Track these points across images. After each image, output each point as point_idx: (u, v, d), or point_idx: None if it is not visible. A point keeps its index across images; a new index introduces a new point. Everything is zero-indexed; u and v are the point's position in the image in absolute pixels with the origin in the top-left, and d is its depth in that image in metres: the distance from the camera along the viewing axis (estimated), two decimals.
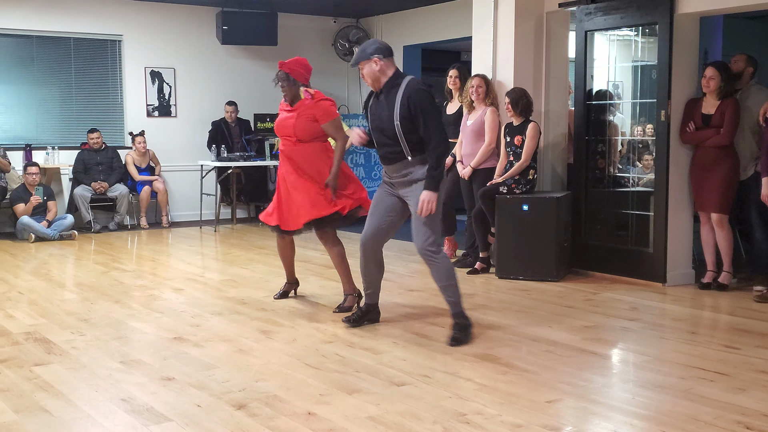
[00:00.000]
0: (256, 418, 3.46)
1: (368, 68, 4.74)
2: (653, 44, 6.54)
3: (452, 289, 4.82)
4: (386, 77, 4.75)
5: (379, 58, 4.71)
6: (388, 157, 4.80)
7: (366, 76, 4.78)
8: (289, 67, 5.46)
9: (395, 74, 4.76)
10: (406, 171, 4.76)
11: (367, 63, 4.74)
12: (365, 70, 4.76)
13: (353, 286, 5.63)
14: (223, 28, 10.50)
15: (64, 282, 6.80)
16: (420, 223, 4.72)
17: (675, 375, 4.12)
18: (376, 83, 4.78)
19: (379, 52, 4.72)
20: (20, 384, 3.94)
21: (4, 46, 9.89)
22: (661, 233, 6.40)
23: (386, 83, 4.75)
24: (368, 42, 4.87)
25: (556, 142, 7.36)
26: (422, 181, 4.68)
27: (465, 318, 4.88)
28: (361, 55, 4.75)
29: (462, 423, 3.41)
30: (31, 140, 9.92)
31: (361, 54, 4.76)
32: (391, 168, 4.83)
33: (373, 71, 4.74)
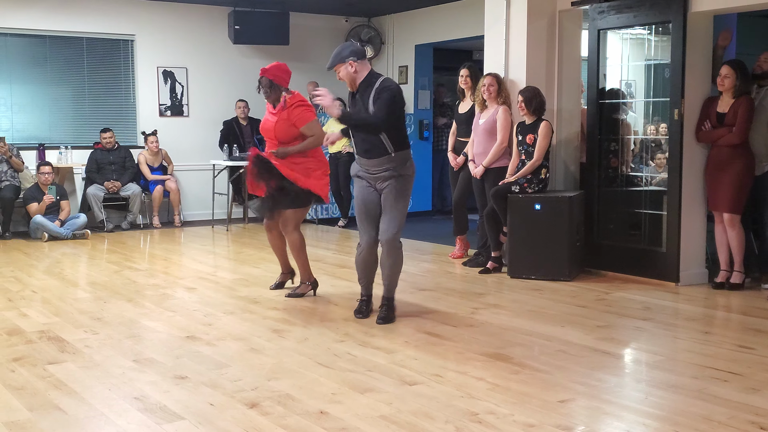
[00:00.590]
0: (268, 417, 3.46)
1: (344, 70, 5.07)
2: (666, 43, 6.51)
3: (396, 277, 5.29)
4: (361, 78, 5.07)
5: (353, 60, 5.04)
6: (371, 152, 5.08)
7: (342, 77, 5.10)
8: (272, 73, 5.78)
9: (369, 74, 5.10)
10: (389, 165, 5.08)
11: (343, 65, 5.06)
12: (341, 72, 5.09)
13: (309, 275, 6.00)
14: (235, 28, 10.52)
15: (77, 281, 6.83)
16: (392, 215, 5.10)
17: (688, 375, 4.10)
18: (353, 84, 5.11)
19: (353, 55, 5.05)
20: (34, 382, 3.96)
21: (17, 46, 9.94)
22: (675, 233, 6.37)
23: (361, 83, 5.08)
24: (343, 45, 5.17)
25: (568, 141, 7.34)
26: (402, 177, 5.10)
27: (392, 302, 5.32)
28: (336, 59, 5.07)
29: (474, 422, 3.40)
30: (44, 140, 9.97)
31: (337, 57, 5.07)
32: (372, 162, 5.10)
33: (349, 73, 5.06)
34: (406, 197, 5.21)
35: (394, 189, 5.10)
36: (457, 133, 7.65)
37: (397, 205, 5.11)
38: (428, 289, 6.34)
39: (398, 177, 5.09)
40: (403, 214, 5.16)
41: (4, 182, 9.24)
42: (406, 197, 5.21)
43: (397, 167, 5.08)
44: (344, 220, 10.36)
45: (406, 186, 5.18)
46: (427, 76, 11.47)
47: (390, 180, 5.10)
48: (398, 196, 5.12)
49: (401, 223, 5.15)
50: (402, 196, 5.15)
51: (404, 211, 5.17)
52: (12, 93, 9.94)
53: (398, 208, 5.12)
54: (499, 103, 6.99)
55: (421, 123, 11.35)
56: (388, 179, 5.10)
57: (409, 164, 5.20)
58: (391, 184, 5.10)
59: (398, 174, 5.09)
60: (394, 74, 11.60)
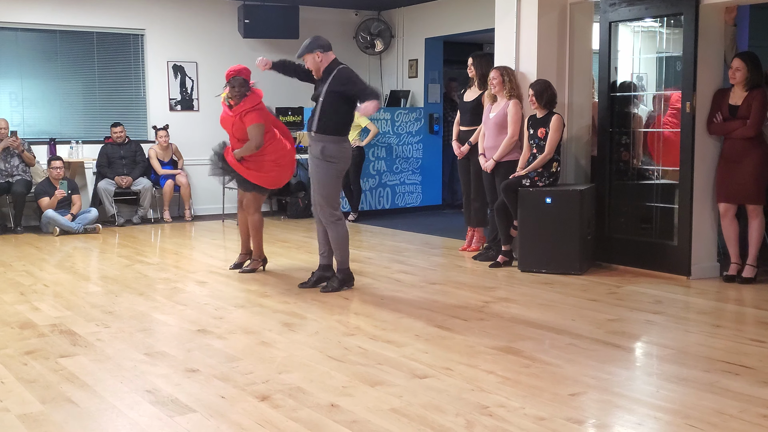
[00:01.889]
0: (279, 410, 3.47)
1: (311, 59, 5.87)
2: (678, 35, 6.48)
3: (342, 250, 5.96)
4: (324, 66, 5.85)
5: (320, 52, 5.84)
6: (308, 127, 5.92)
7: (309, 66, 5.90)
8: (244, 75, 6.53)
9: (331, 63, 5.86)
10: (312, 142, 5.87)
11: (311, 56, 5.86)
12: (308, 61, 5.88)
13: (260, 253, 6.79)
14: (245, 22, 10.52)
15: (89, 275, 6.86)
16: (316, 194, 5.90)
17: (699, 368, 4.08)
18: (317, 72, 5.88)
19: (319, 47, 5.85)
20: (46, 375, 3.98)
21: (28, 40, 9.97)
22: (686, 226, 6.35)
23: (324, 71, 5.85)
24: (313, 38, 5.92)
25: (579, 134, 7.31)
26: (316, 158, 5.81)
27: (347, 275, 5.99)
28: (305, 49, 5.87)
29: (485, 415, 3.40)
30: (55, 134, 10.01)
31: (306, 48, 5.87)
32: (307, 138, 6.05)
33: (315, 62, 5.86)
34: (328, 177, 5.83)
35: (312, 168, 5.91)
36: (461, 121, 7.63)
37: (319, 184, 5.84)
38: (438, 282, 6.34)
39: (317, 159, 5.82)
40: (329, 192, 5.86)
41: (15, 177, 9.28)
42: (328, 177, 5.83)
43: (314, 147, 5.82)
44: (354, 215, 10.36)
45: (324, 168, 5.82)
46: (437, 70, 11.44)
47: (312, 159, 5.89)
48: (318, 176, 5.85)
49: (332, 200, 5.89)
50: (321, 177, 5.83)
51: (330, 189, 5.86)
52: (23, 88, 9.98)
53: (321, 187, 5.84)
54: (509, 97, 6.97)
55: (431, 117, 11.34)
56: (312, 157, 5.89)
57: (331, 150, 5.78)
58: (311, 163, 5.92)
59: (314, 155, 5.83)
60: (404, 68, 11.59)
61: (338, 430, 3.25)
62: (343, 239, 5.95)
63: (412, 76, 11.47)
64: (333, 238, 5.94)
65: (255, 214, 6.75)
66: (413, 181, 11.25)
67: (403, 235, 9.00)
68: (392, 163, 11.03)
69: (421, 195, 11.35)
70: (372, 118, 10.52)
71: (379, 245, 8.29)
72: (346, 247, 5.97)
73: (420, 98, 11.36)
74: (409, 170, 11.19)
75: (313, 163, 5.89)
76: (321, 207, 5.89)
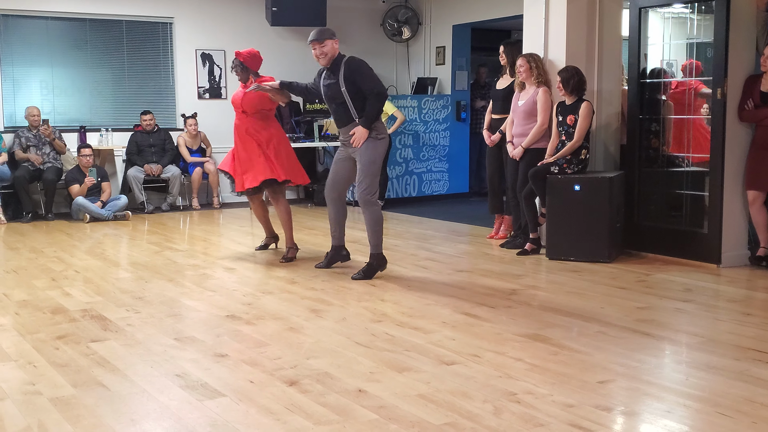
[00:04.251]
0: (307, 395, 3.49)
1: (330, 46, 5.85)
2: (709, 21, 6.39)
3: (377, 234, 5.96)
4: (335, 56, 5.88)
5: (336, 40, 5.89)
6: (341, 121, 5.92)
7: (326, 52, 5.84)
8: (244, 57, 6.63)
9: (340, 55, 5.91)
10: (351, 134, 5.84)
11: (330, 41, 5.86)
12: (327, 47, 5.84)
13: (292, 241, 6.81)
14: (273, 10, 10.53)
15: (119, 261, 6.93)
16: (363, 174, 5.84)
17: (730, 356, 4.05)
18: (329, 60, 5.87)
19: (335, 36, 5.91)
20: (78, 359, 4.04)
21: (58, 29, 10.06)
22: (716, 213, 6.28)
23: (334, 61, 5.87)
24: (325, 28, 6.01)
25: (608, 121, 7.25)
26: (370, 139, 5.78)
27: (381, 259, 6.01)
28: (324, 34, 5.86)
29: (513, 402, 3.40)
30: (85, 122, 10.11)
31: (325, 33, 5.88)
32: (344, 130, 5.94)
33: (334, 48, 5.86)
34: (377, 156, 5.88)
35: (360, 153, 5.83)
36: (493, 109, 7.60)
37: (367, 163, 5.82)
38: (466, 270, 6.33)
39: (370, 139, 5.80)
40: (369, 172, 5.84)
41: (46, 164, 9.39)
42: (377, 156, 5.88)
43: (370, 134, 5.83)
44: (381, 202, 10.32)
45: (377, 147, 5.85)
46: (464, 57, 11.38)
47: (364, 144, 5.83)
48: (368, 156, 5.82)
49: (369, 181, 5.85)
50: (371, 156, 5.83)
51: (376, 168, 5.89)
52: (53, 76, 10.08)
53: (369, 166, 5.83)
54: (538, 84, 6.93)
55: (458, 104, 11.29)
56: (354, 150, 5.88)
57: (380, 127, 5.88)
58: (359, 150, 5.83)
59: (371, 137, 5.80)
60: (432, 55, 11.55)
61: (366, 415, 3.27)
62: (380, 222, 5.99)
63: (440, 64, 11.42)
64: (369, 220, 5.94)
65: (284, 204, 6.80)
66: (440, 168, 11.23)
67: (430, 223, 8.99)
68: (419, 150, 11.01)
69: (448, 183, 11.33)
70: (399, 105, 10.51)
71: (406, 233, 8.30)
72: (381, 230, 6.00)
73: (447, 85, 11.32)
74: (435, 158, 11.17)
75: (365, 146, 5.82)
76: (365, 187, 5.85)
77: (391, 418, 3.23)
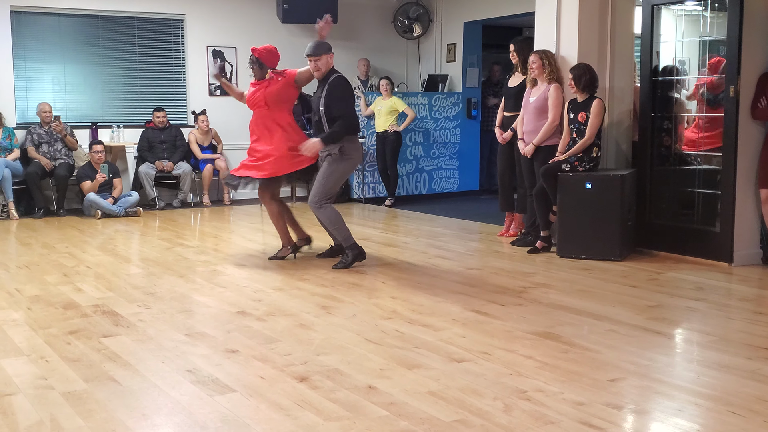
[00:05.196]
0: (318, 391, 3.50)
1: (324, 60, 6.09)
2: (722, 19, 6.36)
3: (340, 230, 6.25)
4: (327, 70, 6.11)
5: (331, 54, 6.11)
6: (316, 133, 6.21)
7: (321, 66, 6.08)
8: (259, 53, 6.43)
9: (332, 70, 6.15)
10: (327, 147, 6.09)
11: (325, 56, 6.09)
12: (322, 61, 6.07)
13: (288, 239, 6.73)
14: (284, 7, 10.54)
15: (130, 257, 6.96)
16: (318, 182, 6.16)
17: (742, 355, 4.03)
18: (321, 74, 6.11)
19: (331, 50, 6.12)
20: (90, 354, 4.05)
21: (71, 26, 10.10)
22: (729, 212, 6.25)
23: (326, 75, 6.11)
24: (320, 41, 6.14)
25: (620, 119, 7.23)
26: (333, 155, 6.08)
27: (355, 249, 6.25)
28: (320, 49, 6.07)
29: (523, 400, 3.39)
30: (97, 119, 10.14)
31: (321, 48, 6.07)
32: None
33: (329, 63, 6.11)
34: (336, 173, 6.16)
35: (326, 163, 6.15)
36: (505, 107, 7.58)
37: (324, 176, 6.13)
38: (476, 267, 6.33)
39: (334, 155, 6.09)
40: (329, 185, 6.15)
41: (58, 160, 9.43)
42: (336, 173, 6.16)
43: (333, 148, 6.07)
44: (391, 200, 10.37)
45: (339, 163, 6.12)
46: (475, 54, 11.37)
47: (327, 157, 6.14)
48: (328, 170, 6.12)
49: (327, 192, 6.15)
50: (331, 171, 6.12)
51: (332, 183, 6.16)
52: (65, 72, 10.12)
53: (325, 179, 6.13)
54: (550, 81, 6.91)
55: (469, 102, 11.28)
56: (327, 157, 6.16)
57: (348, 147, 6.11)
58: (327, 160, 6.15)
59: (336, 153, 6.08)
60: (442, 52, 11.54)
61: (376, 411, 3.27)
62: (336, 220, 6.23)
63: (451, 61, 11.41)
64: (325, 222, 6.29)
65: (277, 203, 6.72)
66: (450, 166, 11.22)
67: (440, 221, 8.99)
68: (429, 148, 11.00)
69: (459, 180, 11.32)
70: (409, 103, 10.51)
71: (416, 230, 8.29)
72: (342, 225, 6.25)
73: (458, 83, 11.30)
74: (446, 155, 11.16)
75: (328, 161, 6.14)
76: (313, 195, 6.17)
77: (401, 414, 3.23)
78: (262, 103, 6.45)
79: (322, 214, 6.24)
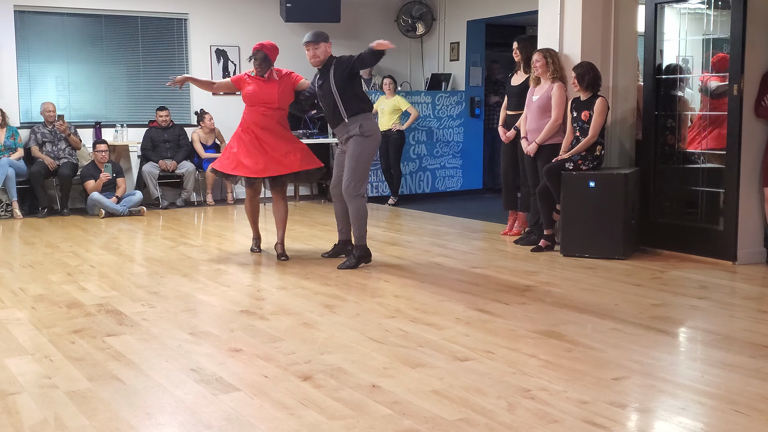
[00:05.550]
0: (321, 390, 3.50)
1: (323, 48, 6.15)
2: (726, 17, 6.35)
3: (361, 228, 6.16)
4: (326, 58, 6.19)
5: (330, 44, 6.21)
6: (333, 120, 6.24)
7: (319, 54, 6.15)
8: (267, 50, 6.45)
9: (331, 57, 6.22)
10: (346, 130, 6.14)
11: (324, 44, 6.16)
12: (321, 49, 6.14)
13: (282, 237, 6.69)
14: (287, 6, 10.53)
15: (134, 256, 6.97)
16: (348, 169, 6.11)
17: (745, 354, 4.03)
18: (320, 62, 6.19)
19: (329, 40, 6.22)
20: (93, 354, 4.06)
21: (74, 25, 10.11)
22: (732, 210, 6.24)
23: (325, 63, 6.18)
24: (319, 31, 6.24)
25: (624, 117, 7.22)
26: (355, 137, 6.09)
27: (365, 251, 6.22)
28: (320, 37, 6.16)
29: (527, 398, 3.39)
30: (100, 118, 10.15)
31: (320, 36, 6.16)
32: (336, 130, 6.27)
33: (327, 52, 6.17)
34: (364, 154, 6.12)
35: (350, 148, 6.12)
36: (508, 106, 7.58)
37: (353, 159, 6.08)
38: (479, 266, 6.33)
39: (352, 137, 6.11)
40: (360, 168, 6.10)
41: (62, 160, 9.44)
42: (364, 154, 6.12)
43: (352, 129, 6.11)
44: (394, 198, 10.37)
45: (363, 144, 6.10)
46: (479, 53, 11.37)
47: (349, 140, 6.14)
48: (355, 152, 6.09)
49: (352, 176, 6.09)
50: (358, 153, 6.09)
51: (362, 165, 6.12)
52: (69, 72, 10.13)
53: (354, 162, 6.08)
54: (553, 79, 6.90)
55: (472, 100, 11.28)
56: (348, 140, 6.15)
57: (368, 125, 6.15)
58: (350, 145, 6.13)
59: (353, 134, 6.11)
60: (446, 51, 11.53)
61: (379, 410, 3.27)
62: (363, 216, 6.16)
63: (454, 59, 11.41)
64: (353, 213, 6.15)
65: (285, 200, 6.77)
66: (454, 165, 11.22)
67: (444, 219, 8.99)
68: (433, 146, 11.00)
69: (462, 179, 11.32)
70: (412, 101, 10.51)
71: (419, 229, 8.29)
72: (364, 224, 6.20)
73: (461, 81, 11.30)
74: (449, 154, 11.16)
75: (353, 143, 6.12)
76: (348, 182, 6.10)
77: (404, 413, 3.23)
78: (275, 104, 6.47)
79: (355, 204, 6.13)
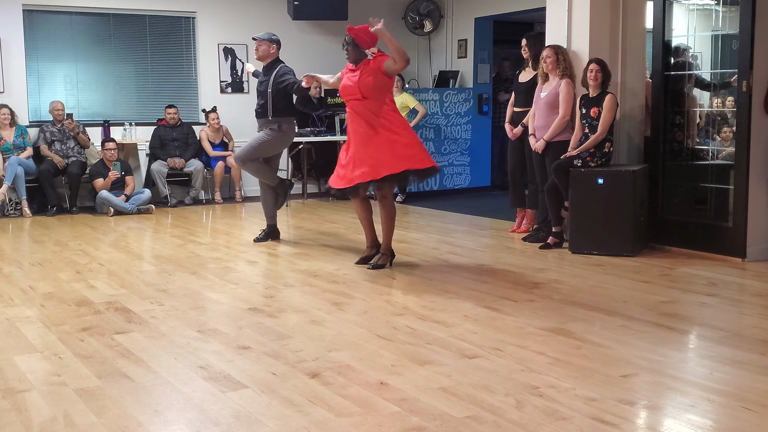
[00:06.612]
0: (329, 387, 3.50)
1: (265, 47, 7.10)
2: (734, 13, 6.32)
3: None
4: (270, 60, 7.10)
5: (275, 45, 7.13)
6: (259, 113, 7.11)
7: (259, 51, 7.11)
8: (355, 33, 5.98)
9: (275, 60, 7.11)
10: (267, 124, 7.07)
11: (266, 43, 7.10)
12: (263, 47, 7.09)
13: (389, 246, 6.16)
14: (294, 3, 10.53)
15: (143, 254, 6.98)
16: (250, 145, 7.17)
17: (755, 351, 4.01)
18: (264, 60, 7.13)
19: (276, 42, 7.15)
20: (102, 351, 4.07)
21: (83, 24, 10.13)
22: (741, 207, 6.22)
23: (269, 64, 7.09)
24: (270, 34, 7.19)
25: (632, 114, 7.20)
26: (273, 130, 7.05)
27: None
28: (266, 36, 7.15)
29: (535, 396, 3.39)
30: (109, 116, 10.18)
31: (267, 36, 7.14)
32: (260, 121, 7.16)
33: (267, 52, 7.10)
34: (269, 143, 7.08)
35: (264, 132, 7.08)
36: (515, 103, 7.56)
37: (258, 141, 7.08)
38: (487, 263, 6.32)
39: (273, 130, 7.04)
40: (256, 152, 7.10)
41: (71, 158, 9.47)
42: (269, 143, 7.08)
43: (274, 125, 7.02)
44: (402, 196, 10.36)
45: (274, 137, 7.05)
46: (486, 50, 11.34)
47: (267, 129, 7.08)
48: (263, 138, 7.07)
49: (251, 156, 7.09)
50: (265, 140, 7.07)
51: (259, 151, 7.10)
52: (78, 71, 10.16)
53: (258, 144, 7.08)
54: (562, 76, 6.88)
55: (480, 97, 11.25)
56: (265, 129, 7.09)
57: (286, 127, 7.08)
58: (266, 130, 7.08)
59: (275, 129, 7.03)
60: (453, 48, 11.52)
61: (388, 407, 3.27)
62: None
63: (462, 57, 11.39)
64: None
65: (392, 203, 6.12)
66: (462, 162, 11.20)
67: (452, 217, 8.98)
68: (441, 144, 10.99)
69: (470, 176, 11.30)
70: (420, 99, 10.49)
71: (427, 226, 8.29)
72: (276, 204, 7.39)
73: (469, 79, 11.28)
74: (457, 151, 11.14)
75: (267, 131, 7.05)
76: (240, 153, 7.15)
77: (412, 410, 3.23)
78: (355, 90, 5.93)
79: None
